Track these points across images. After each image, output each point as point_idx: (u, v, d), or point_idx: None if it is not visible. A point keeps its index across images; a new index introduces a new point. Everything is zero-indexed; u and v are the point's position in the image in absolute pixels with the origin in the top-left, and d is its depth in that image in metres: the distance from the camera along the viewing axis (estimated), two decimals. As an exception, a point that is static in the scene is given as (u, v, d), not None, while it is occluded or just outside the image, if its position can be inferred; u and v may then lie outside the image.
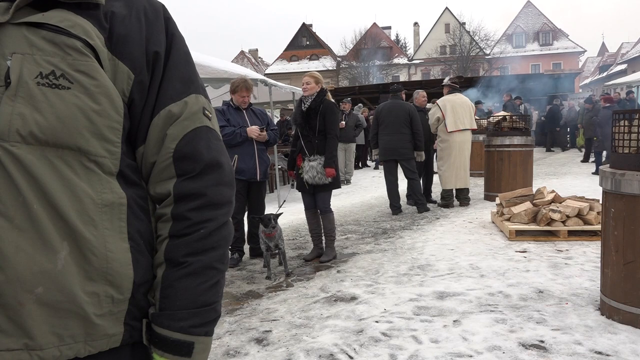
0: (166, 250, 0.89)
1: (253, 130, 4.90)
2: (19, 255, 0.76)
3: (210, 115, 0.95)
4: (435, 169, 8.46)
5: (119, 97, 0.84)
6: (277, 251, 4.63)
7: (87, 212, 0.81)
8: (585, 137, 14.15)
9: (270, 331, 3.29)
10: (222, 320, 3.47)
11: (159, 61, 0.90)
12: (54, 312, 0.79)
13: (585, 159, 13.78)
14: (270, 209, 7.59)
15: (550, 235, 5.39)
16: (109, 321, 0.83)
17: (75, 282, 0.80)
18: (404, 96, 7.70)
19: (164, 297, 0.88)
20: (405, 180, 7.44)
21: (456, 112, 7.45)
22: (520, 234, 5.44)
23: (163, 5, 0.95)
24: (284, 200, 5.65)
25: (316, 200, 4.97)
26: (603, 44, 62.03)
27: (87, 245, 0.80)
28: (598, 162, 11.62)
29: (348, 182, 11.49)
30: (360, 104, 15.12)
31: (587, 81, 51.33)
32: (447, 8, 51.61)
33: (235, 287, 4.31)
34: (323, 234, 5.12)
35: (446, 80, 8.01)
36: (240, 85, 5.00)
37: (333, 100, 4.96)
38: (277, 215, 4.53)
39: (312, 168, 4.76)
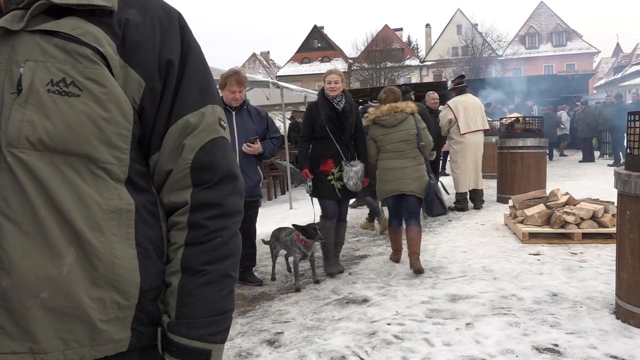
0: (183, 258, 0.89)
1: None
2: (25, 260, 0.77)
3: (225, 126, 0.95)
4: (447, 172, 8.39)
5: (129, 104, 0.84)
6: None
7: (94, 218, 0.81)
8: (582, 136, 15.18)
9: (282, 333, 3.29)
10: (234, 322, 3.48)
11: (172, 69, 0.89)
12: (58, 316, 0.79)
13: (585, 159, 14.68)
14: (280, 210, 7.52)
15: (564, 237, 5.34)
16: (115, 326, 0.84)
17: (81, 287, 0.80)
18: (413, 97, 7.67)
19: (182, 306, 0.88)
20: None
21: (468, 113, 7.39)
22: (533, 237, 5.39)
23: (179, 13, 0.94)
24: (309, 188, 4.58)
25: (341, 208, 4.58)
26: (617, 44, 61.19)
27: (93, 251, 0.81)
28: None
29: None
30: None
31: (601, 82, 50.65)
32: (459, 9, 51.43)
33: (247, 288, 4.32)
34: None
35: (450, 85, 7.95)
36: (230, 78, 4.00)
37: None
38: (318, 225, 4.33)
39: (356, 174, 4.36)
